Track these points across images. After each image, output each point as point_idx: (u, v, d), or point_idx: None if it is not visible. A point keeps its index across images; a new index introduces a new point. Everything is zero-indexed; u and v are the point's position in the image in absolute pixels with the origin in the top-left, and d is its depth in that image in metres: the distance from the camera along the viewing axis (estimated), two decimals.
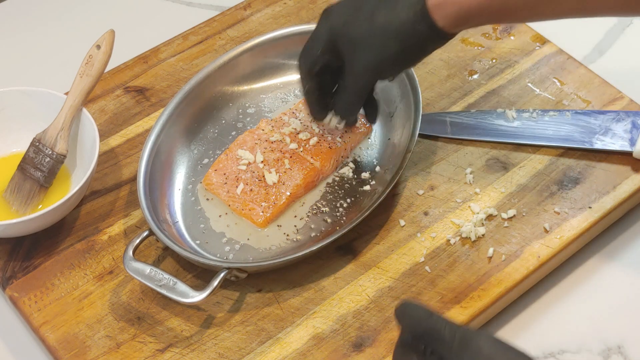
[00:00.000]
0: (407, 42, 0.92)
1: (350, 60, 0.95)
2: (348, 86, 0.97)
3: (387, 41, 0.92)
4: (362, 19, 0.92)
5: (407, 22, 0.90)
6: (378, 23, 0.91)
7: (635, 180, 1.04)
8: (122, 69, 1.17)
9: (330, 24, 0.95)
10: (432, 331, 0.74)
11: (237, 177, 1.03)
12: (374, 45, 0.92)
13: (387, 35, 0.92)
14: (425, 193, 1.04)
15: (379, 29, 0.92)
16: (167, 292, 0.93)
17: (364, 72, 0.95)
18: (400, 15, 0.90)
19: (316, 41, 0.96)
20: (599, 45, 1.23)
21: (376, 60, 0.93)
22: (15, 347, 0.97)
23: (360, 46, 0.93)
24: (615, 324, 0.97)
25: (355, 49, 0.93)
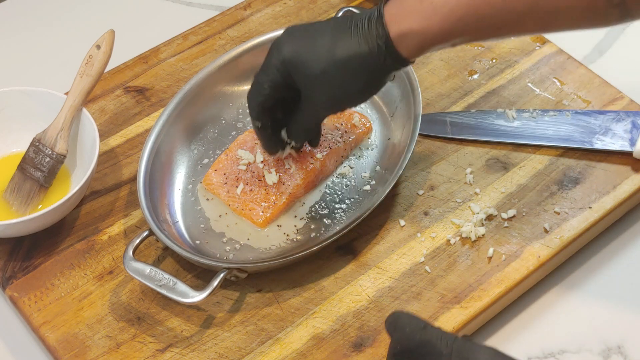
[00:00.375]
0: (370, 75, 0.90)
1: (309, 95, 0.92)
2: (306, 119, 0.95)
3: (349, 76, 0.89)
4: (321, 53, 0.89)
5: (370, 56, 0.88)
6: (339, 58, 0.88)
7: (635, 180, 1.04)
8: (122, 69, 1.17)
9: (284, 57, 0.90)
10: (427, 344, 0.72)
11: (237, 177, 1.03)
12: (335, 80, 0.90)
13: (349, 70, 0.89)
14: (425, 193, 1.04)
15: (340, 63, 0.88)
16: (167, 292, 0.93)
17: (323, 107, 0.93)
18: (361, 49, 0.88)
19: (268, 76, 0.92)
20: (599, 45, 1.23)
21: (337, 95, 0.91)
22: (15, 347, 0.97)
23: (320, 82, 0.90)
24: (615, 324, 0.97)
25: (314, 85, 0.90)
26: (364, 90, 0.92)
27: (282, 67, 0.91)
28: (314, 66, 0.89)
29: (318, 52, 0.89)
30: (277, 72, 0.91)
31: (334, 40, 0.89)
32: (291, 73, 0.91)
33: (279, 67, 0.91)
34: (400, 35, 0.87)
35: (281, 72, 0.91)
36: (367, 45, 0.88)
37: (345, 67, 0.89)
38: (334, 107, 0.94)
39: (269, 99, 0.93)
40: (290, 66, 0.90)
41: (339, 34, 0.89)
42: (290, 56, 0.90)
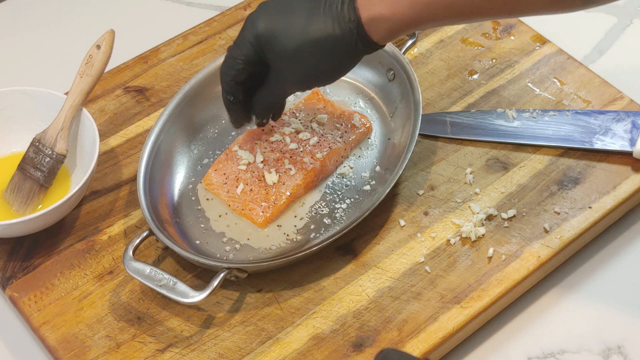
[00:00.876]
0: (341, 57, 0.91)
1: (278, 71, 0.93)
2: (273, 94, 0.97)
3: (321, 56, 0.91)
4: (294, 31, 0.90)
5: (342, 38, 0.90)
6: (311, 37, 0.90)
7: (635, 180, 1.04)
8: (122, 69, 1.17)
9: (258, 32, 0.92)
10: None
11: (237, 177, 1.03)
12: (307, 59, 0.91)
13: (321, 51, 0.90)
14: (425, 193, 1.04)
15: (312, 43, 0.90)
16: (167, 292, 0.93)
17: (292, 84, 0.95)
18: (334, 31, 0.90)
19: (242, 50, 0.93)
20: (599, 45, 1.23)
21: (307, 74, 0.93)
22: (15, 347, 0.97)
23: (292, 60, 0.91)
24: (615, 324, 0.97)
25: (285, 62, 0.92)
26: (334, 71, 0.94)
27: (256, 42, 0.92)
28: (286, 44, 0.91)
29: (292, 30, 0.91)
30: (250, 47, 0.93)
31: (308, 20, 0.90)
32: (263, 48, 0.92)
33: (252, 41, 0.92)
34: (371, 20, 0.89)
35: (254, 47, 0.93)
36: (339, 27, 0.89)
37: (318, 48, 0.90)
38: (302, 85, 0.96)
39: (242, 73, 0.95)
40: (263, 41, 0.92)
41: (313, 14, 0.90)
42: (264, 32, 0.92)
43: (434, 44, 1.18)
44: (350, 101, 1.12)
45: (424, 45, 1.18)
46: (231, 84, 0.96)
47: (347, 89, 1.13)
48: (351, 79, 1.13)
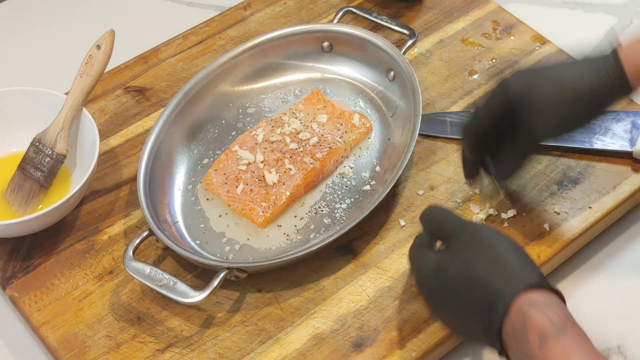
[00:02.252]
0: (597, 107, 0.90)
1: (530, 127, 0.91)
2: (520, 152, 0.94)
3: (577, 105, 0.89)
4: (548, 84, 0.90)
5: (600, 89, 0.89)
6: (568, 88, 0.89)
7: (635, 180, 1.04)
8: (122, 69, 1.17)
9: (510, 92, 0.91)
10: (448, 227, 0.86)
11: (237, 177, 1.03)
12: (561, 110, 0.90)
13: (577, 100, 0.89)
14: (425, 193, 1.04)
15: (568, 93, 0.89)
16: (167, 292, 0.93)
17: (546, 137, 0.93)
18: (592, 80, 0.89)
19: (491, 110, 0.93)
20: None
21: (560, 126, 0.91)
22: (15, 347, 0.97)
23: (546, 112, 0.90)
24: (615, 324, 0.97)
25: (539, 114, 0.90)
26: (587, 119, 0.92)
27: (506, 102, 0.91)
28: (541, 96, 0.90)
29: (547, 83, 0.90)
30: (499, 107, 0.92)
31: (562, 72, 0.90)
32: (515, 107, 0.91)
33: (503, 102, 0.92)
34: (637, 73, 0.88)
35: (504, 107, 0.92)
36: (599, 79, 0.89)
37: (574, 97, 0.89)
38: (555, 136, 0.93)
39: (487, 133, 0.94)
40: (515, 100, 0.91)
41: (567, 68, 0.91)
42: (517, 90, 0.91)
43: (434, 44, 1.18)
44: (350, 101, 1.12)
45: (424, 45, 1.18)
46: (474, 143, 0.95)
47: (347, 89, 1.13)
48: (351, 79, 1.13)
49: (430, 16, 1.22)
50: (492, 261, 0.81)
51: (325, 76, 1.14)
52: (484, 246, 0.82)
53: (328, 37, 1.13)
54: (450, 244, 0.85)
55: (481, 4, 1.23)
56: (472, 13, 1.22)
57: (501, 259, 0.81)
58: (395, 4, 1.23)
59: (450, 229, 0.86)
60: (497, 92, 0.93)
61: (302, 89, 1.13)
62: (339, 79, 1.14)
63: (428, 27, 1.20)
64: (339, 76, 1.14)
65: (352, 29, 1.13)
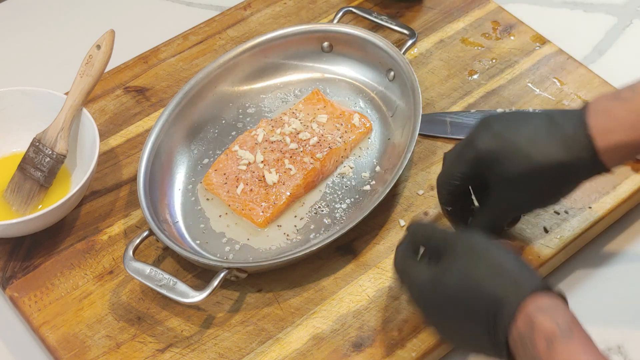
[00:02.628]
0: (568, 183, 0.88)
1: (499, 193, 0.90)
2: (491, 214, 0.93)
3: (546, 182, 0.88)
4: (519, 156, 0.87)
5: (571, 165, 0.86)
6: (538, 163, 0.86)
7: (635, 180, 1.04)
8: (122, 69, 1.17)
9: (479, 153, 0.89)
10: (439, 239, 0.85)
11: (237, 177, 1.03)
12: (530, 185, 0.88)
13: (546, 177, 0.87)
14: (425, 193, 1.04)
15: (538, 169, 0.86)
16: (167, 292, 0.93)
17: (514, 208, 0.92)
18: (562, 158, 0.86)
19: (460, 167, 0.91)
20: (599, 45, 1.23)
21: (530, 198, 0.90)
22: (15, 347, 0.97)
23: (514, 185, 0.88)
24: (615, 324, 0.97)
25: (507, 186, 0.89)
26: (558, 194, 0.90)
27: (476, 162, 0.89)
28: (509, 168, 0.88)
29: (515, 154, 0.87)
30: (469, 166, 0.90)
31: (532, 144, 0.87)
32: (483, 169, 0.89)
33: (472, 161, 0.90)
34: (609, 149, 0.85)
35: (473, 167, 0.90)
36: (569, 154, 0.86)
37: (543, 174, 0.87)
38: (523, 209, 0.93)
39: (458, 188, 0.92)
40: (484, 163, 0.89)
41: (538, 138, 0.87)
42: (485, 154, 0.89)
43: (434, 44, 1.18)
44: (350, 101, 1.12)
45: (424, 45, 1.18)
46: (448, 197, 0.94)
47: (347, 89, 1.13)
48: (351, 78, 1.13)
49: (430, 16, 1.22)
50: (492, 268, 0.80)
51: (325, 76, 1.14)
52: (481, 254, 0.81)
53: (328, 37, 1.13)
54: (443, 254, 0.83)
55: (481, 4, 1.23)
56: (472, 13, 1.22)
57: (501, 266, 0.80)
58: (395, 4, 1.23)
59: (441, 240, 0.84)
60: (466, 149, 0.90)
61: (302, 89, 1.13)
62: (339, 79, 1.14)
63: (428, 27, 1.20)
64: (339, 76, 1.14)
65: (352, 29, 1.13)
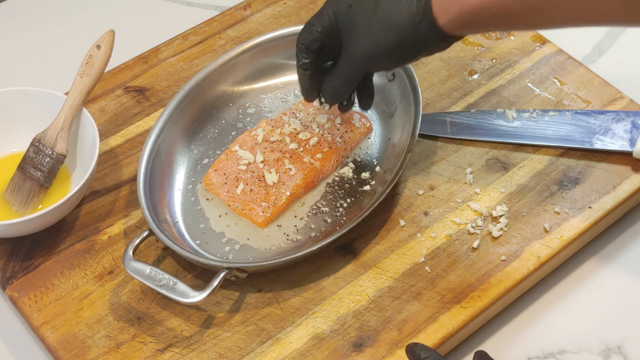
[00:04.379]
0: (405, 37, 0.91)
1: (347, 44, 0.94)
2: (339, 70, 0.96)
3: (386, 32, 0.91)
4: (367, 4, 0.92)
5: (408, 16, 0.89)
6: (380, 12, 0.91)
7: (635, 180, 1.04)
8: (122, 69, 1.17)
9: (336, 5, 0.94)
10: None
11: (237, 177, 1.03)
12: (373, 33, 0.92)
13: (387, 26, 0.91)
14: (425, 193, 1.04)
15: (380, 18, 0.91)
16: (167, 292, 0.93)
17: (357, 59, 0.94)
18: (402, 8, 0.90)
19: (319, 20, 0.96)
20: (599, 45, 1.23)
21: (372, 48, 0.93)
22: (15, 347, 0.97)
23: (358, 32, 0.92)
24: (615, 324, 0.97)
25: (353, 34, 0.93)
26: (396, 50, 0.92)
27: (333, 15, 0.94)
28: (357, 15, 0.92)
29: (365, 3, 0.92)
30: (327, 18, 0.95)
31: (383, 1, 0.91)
32: (338, 21, 0.94)
33: (329, 14, 0.95)
34: (440, 2, 0.88)
35: (330, 19, 0.95)
36: (407, 4, 0.89)
37: (383, 21, 0.91)
38: (366, 62, 0.95)
39: (316, 40, 0.96)
40: (338, 14, 0.94)
41: None
42: (340, 4, 0.94)
43: None
44: None
45: None
46: (304, 49, 0.97)
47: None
48: None
49: None
50: None
51: None
52: None
53: None
54: None
55: None
56: None
57: None
58: None
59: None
60: (327, 4, 0.95)
61: None
62: None
63: None
64: None
65: None
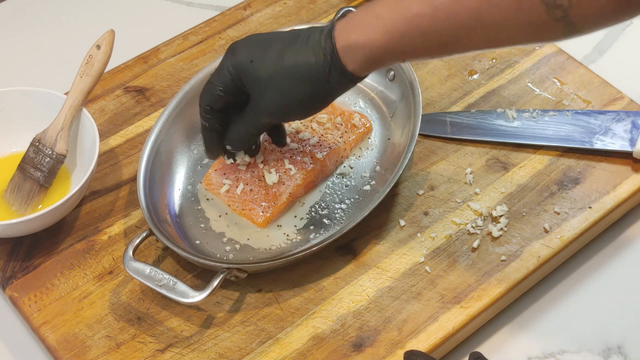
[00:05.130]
0: (315, 86, 0.90)
1: (254, 99, 0.93)
2: (246, 122, 0.95)
3: (296, 86, 0.90)
4: (270, 59, 0.90)
5: (316, 66, 0.88)
6: (286, 65, 0.89)
7: (635, 180, 1.04)
8: (122, 69, 1.17)
9: (236, 61, 0.92)
10: None
11: (237, 177, 1.03)
12: (283, 89, 0.90)
13: (297, 80, 0.89)
14: (425, 193, 1.04)
15: (287, 71, 0.89)
16: (167, 292, 0.93)
17: (268, 114, 0.93)
18: (309, 59, 0.88)
19: (220, 77, 0.93)
20: (599, 45, 1.23)
21: (283, 104, 0.91)
22: (15, 347, 0.97)
23: (266, 88, 0.90)
24: (615, 324, 0.97)
25: (260, 90, 0.91)
26: (308, 102, 0.91)
27: (234, 71, 0.92)
28: (261, 70, 0.90)
29: (268, 57, 0.90)
30: (228, 75, 0.92)
31: (285, 48, 0.90)
32: (241, 76, 0.92)
33: (230, 70, 0.92)
34: (346, 48, 0.87)
35: (232, 75, 0.92)
36: (314, 55, 0.88)
37: (291, 75, 0.89)
38: (276, 114, 0.94)
39: (219, 100, 0.94)
40: (240, 70, 0.92)
41: (291, 44, 0.90)
42: (241, 60, 0.91)
43: None
44: (350, 101, 1.12)
45: None
46: (208, 111, 0.95)
47: None
48: None
49: None
50: None
51: None
52: None
53: None
54: None
55: None
56: None
57: None
58: None
59: None
60: (226, 60, 0.93)
61: None
62: None
63: None
64: None
65: None
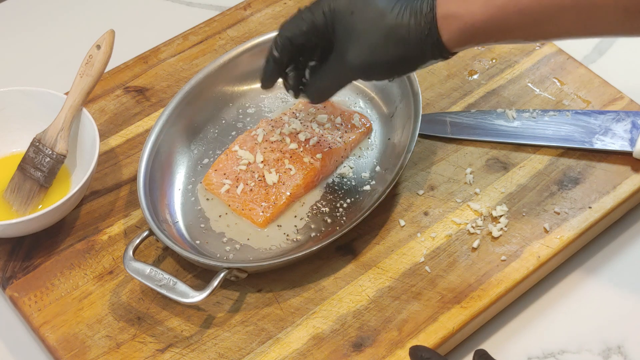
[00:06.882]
0: (407, 51, 0.89)
1: (343, 50, 0.91)
2: (330, 74, 0.94)
3: (390, 46, 0.89)
4: (371, 14, 0.89)
5: (414, 31, 0.88)
6: (386, 23, 0.88)
7: (635, 180, 1.04)
8: (122, 69, 1.17)
9: (336, 5, 0.91)
10: None
11: (237, 177, 1.03)
12: (376, 46, 0.89)
13: (392, 40, 0.89)
14: (425, 193, 1.04)
15: (385, 31, 0.89)
16: (167, 292, 0.93)
17: (354, 68, 0.92)
18: (410, 23, 0.88)
19: (312, 16, 0.92)
20: (599, 45, 1.23)
21: (372, 60, 0.90)
22: (15, 347, 0.97)
23: (359, 42, 0.90)
24: (615, 324, 0.97)
25: (352, 42, 0.90)
26: (395, 64, 0.91)
27: (330, 15, 0.91)
28: (359, 23, 0.89)
29: (369, 11, 0.89)
30: (322, 17, 0.91)
31: (387, 5, 0.89)
32: (335, 22, 0.91)
33: (326, 12, 0.91)
34: (445, 16, 0.87)
35: (327, 18, 0.91)
36: (414, 19, 0.88)
37: (388, 35, 0.89)
38: (360, 69, 0.92)
39: (301, 36, 0.93)
40: (337, 16, 0.90)
41: (395, 4, 0.89)
42: (341, 7, 0.90)
43: None
44: (350, 101, 1.12)
45: None
46: (286, 42, 0.93)
47: (347, 89, 1.12)
48: None
49: None
50: None
51: None
52: None
53: None
54: None
55: None
56: None
57: None
58: None
59: None
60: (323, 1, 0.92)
61: None
62: None
63: None
64: None
65: None
